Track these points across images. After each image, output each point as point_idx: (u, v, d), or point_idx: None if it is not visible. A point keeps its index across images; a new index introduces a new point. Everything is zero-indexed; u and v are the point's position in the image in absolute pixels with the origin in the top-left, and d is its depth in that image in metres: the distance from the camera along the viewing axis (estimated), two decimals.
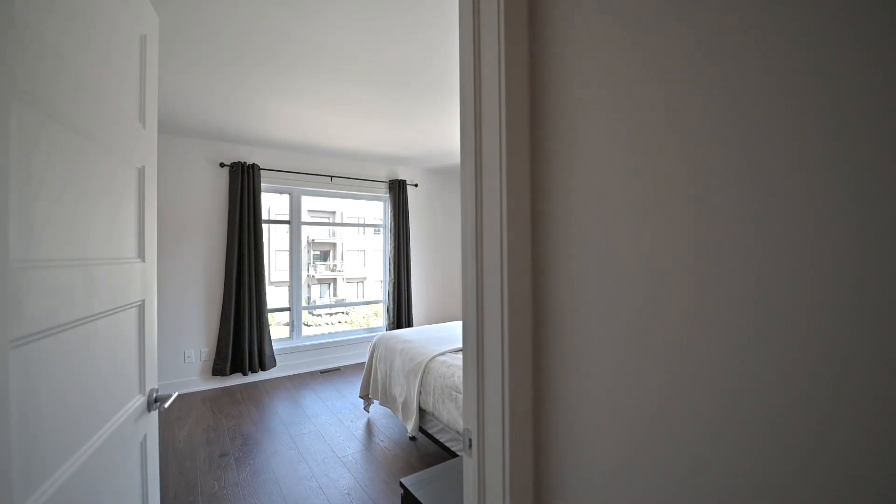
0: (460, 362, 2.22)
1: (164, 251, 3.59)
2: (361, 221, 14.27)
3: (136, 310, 1.01)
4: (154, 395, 1.09)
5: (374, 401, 2.96)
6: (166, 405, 1.08)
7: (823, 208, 0.41)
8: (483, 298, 0.77)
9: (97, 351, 0.80)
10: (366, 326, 9.87)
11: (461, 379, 2.08)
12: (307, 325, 11.81)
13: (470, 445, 0.82)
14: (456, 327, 3.19)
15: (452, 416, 2.04)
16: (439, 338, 2.84)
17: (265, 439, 2.77)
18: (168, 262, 3.60)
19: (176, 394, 1.12)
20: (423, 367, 2.35)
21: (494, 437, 0.76)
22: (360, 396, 3.05)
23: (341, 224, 4.24)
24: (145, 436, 1.04)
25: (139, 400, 1.02)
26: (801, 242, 0.43)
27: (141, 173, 1.04)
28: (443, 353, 2.44)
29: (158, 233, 3.54)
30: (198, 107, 2.99)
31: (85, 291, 0.73)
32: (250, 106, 2.96)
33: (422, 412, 2.37)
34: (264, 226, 4.12)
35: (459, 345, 2.61)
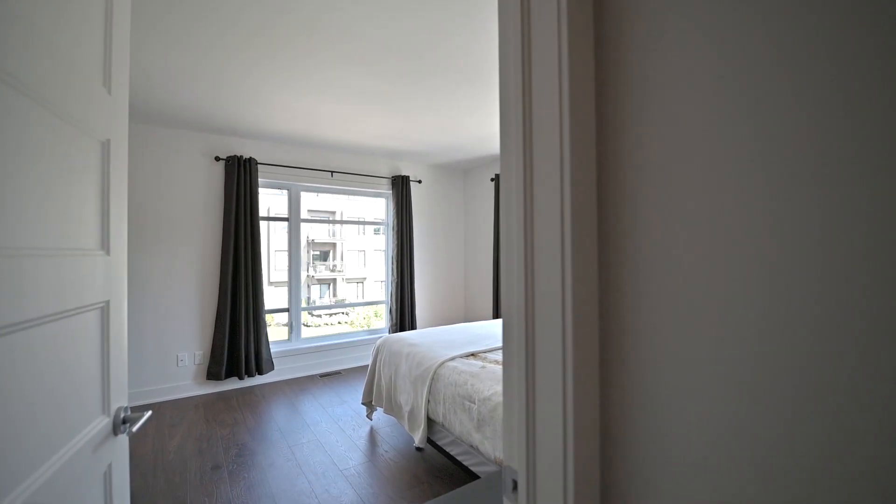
0: (473, 368, 2.04)
1: (156, 248, 3.41)
2: (362, 220, 14.09)
3: (98, 313, 0.83)
4: (122, 416, 0.91)
5: (378, 408, 2.78)
6: (136, 428, 0.90)
7: None
8: (534, 300, 0.60)
9: (35, 367, 0.62)
10: (367, 328, 9.71)
11: (475, 387, 1.90)
12: (306, 326, 11.64)
13: (514, 488, 0.64)
14: (465, 330, 3.01)
15: (465, 427, 1.86)
16: (447, 341, 2.66)
17: (261, 450, 2.59)
18: (159, 259, 3.42)
19: (149, 413, 0.95)
20: (431, 373, 2.17)
21: (551, 481, 0.58)
22: (363, 403, 2.87)
23: (341, 221, 4.09)
24: (110, 465, 0.86)
25: (101, 423, 0.84)
26: None
27: (105, 148, 0.86)
28: (452, 359, 2.26)
29: (149, 229, 3.37)
30: (194, 97, 2.81)
31: (10, 290, 0.55)
32: (252, 96, 2.78)
33: (430, 422, 2.19)
34: (262, 223, 3.95)
35: (470, 349, 2.43)
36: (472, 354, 2.35)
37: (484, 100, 2.90)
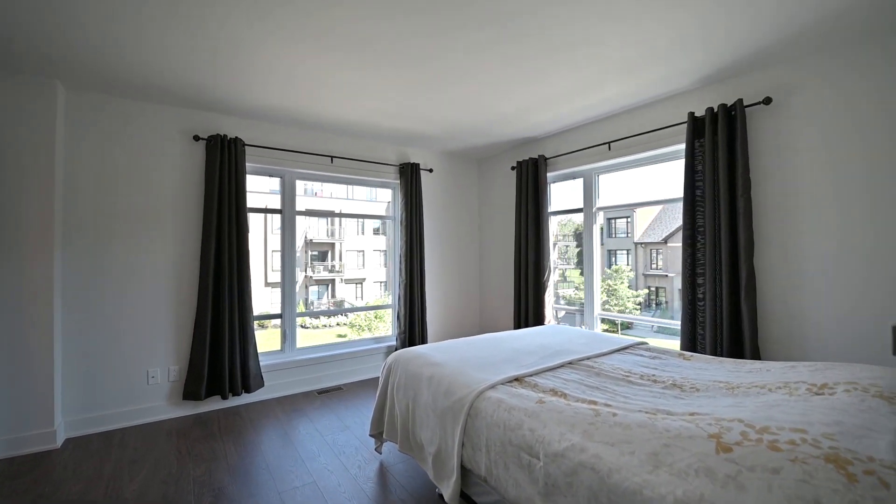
0: (526, 403, 1.49)
1: (121, 244, 2.85)
2: (362, 221, 13.56)
3: None
4: None
5: (391, 442, 2.23)
6: None
7: None
8: None
9: None
10: (368, 331, 9.11)
11: (536, 434, 1.21)
12: (303, 328, 11.05)
13: None
14: (495, 343, 2.46)
15: (524, 492, 1.32)
16: (478, 359, 2.11)
17: (243, 497, 2.03)
18: (125, 257, 2.87)
19: None
20: (466, 407, 1.63)
21: None
22: (371, 435, 2.33)
23: (341, 215, 3.64)
24: None
25: None
26: None
27: None
28: (493, 386, 1.71)
29: (113, 221, 2.80)
30: (169, 58, 2.27)
31: None
32: (239, 56, 2.23)
33: (465, 471, 1.65)
34: (257, 217, 3.41)
35: (511, 371, 1.88)
36: (517, 380, 1.80)
37: (521, 63, 2.35)
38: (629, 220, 8.59)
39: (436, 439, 1.76)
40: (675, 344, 2.88)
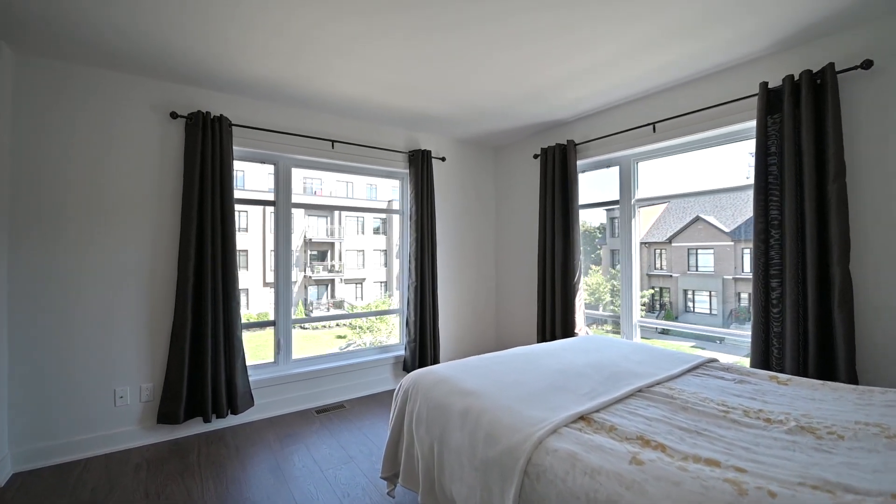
0: (614, 462, 1.01)
1: (84, 242, 2.40)
2: (361, 220, 13.13)
3: None
4: None
5: (409, 488, 1.78)
6: None
7: None
8: None
9: None
10: (371, 337, 8.58)
11: None
12: (302, 329, 10.55)
13: None
14: (532, 359, 2.00)
15: None
16: (523, 385, 1.66)
17: None
18: (89, 257, 2.41)
19: None
20: (522, 462, 1.18)
21: None
22: (383, 478, 1.87)
23: (342, 208, 3.21)
24: None
25: None
26: None
27: None
28: (556, 431, 1.26)
29: (74, 214, 2.30)
30: (153, 19, 1.83)
31: None
32: (236, 17, 1.79)
33: None
34: (255, 212, 2.96)
35: (571, 405, 1.42)
36: (584, 419, 1.35)
37: (566, 29, 1.91)
38: (632, 219, 8.34)
39: (475, 499, 1.31)
40: (684, 347, 2.53)
